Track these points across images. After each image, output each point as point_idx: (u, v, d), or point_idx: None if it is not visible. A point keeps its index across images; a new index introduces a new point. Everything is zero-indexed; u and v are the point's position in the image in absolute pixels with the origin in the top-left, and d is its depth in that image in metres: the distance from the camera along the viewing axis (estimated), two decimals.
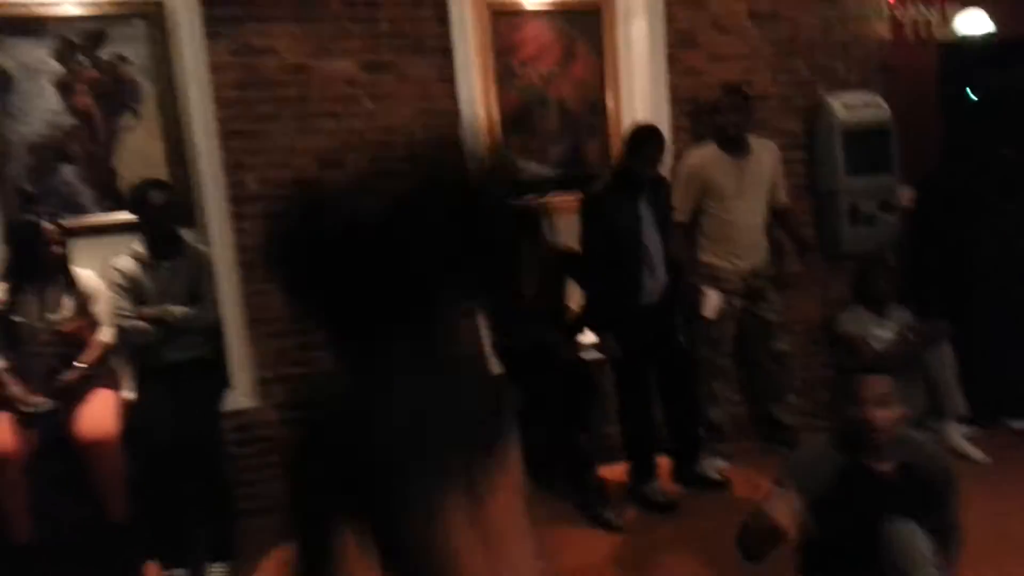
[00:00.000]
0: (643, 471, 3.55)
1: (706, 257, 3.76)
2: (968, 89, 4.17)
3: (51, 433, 3.07)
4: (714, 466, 3.75)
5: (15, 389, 3.04)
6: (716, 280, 3.73)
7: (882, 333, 3.94)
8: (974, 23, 4.64)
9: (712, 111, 3.83)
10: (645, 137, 3.44)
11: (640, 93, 4.10)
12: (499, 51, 3.96)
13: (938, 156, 4.32)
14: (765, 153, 3.79)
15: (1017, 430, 4.02)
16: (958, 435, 3.82)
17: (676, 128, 4.03)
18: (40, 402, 3.06)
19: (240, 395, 3.53)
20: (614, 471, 3.69)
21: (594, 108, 4.15)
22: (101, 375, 3.22)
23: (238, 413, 3.52)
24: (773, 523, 1.94)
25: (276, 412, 3.59)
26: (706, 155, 3.75)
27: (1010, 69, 4.14)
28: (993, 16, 4.60)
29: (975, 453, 3.73)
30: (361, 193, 1.09)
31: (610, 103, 4.15)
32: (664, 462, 3.70)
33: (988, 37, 4.47)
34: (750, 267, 3.76)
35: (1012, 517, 3.17)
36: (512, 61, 4.00)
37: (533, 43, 4.03)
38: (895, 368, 3.96)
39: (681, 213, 3.74)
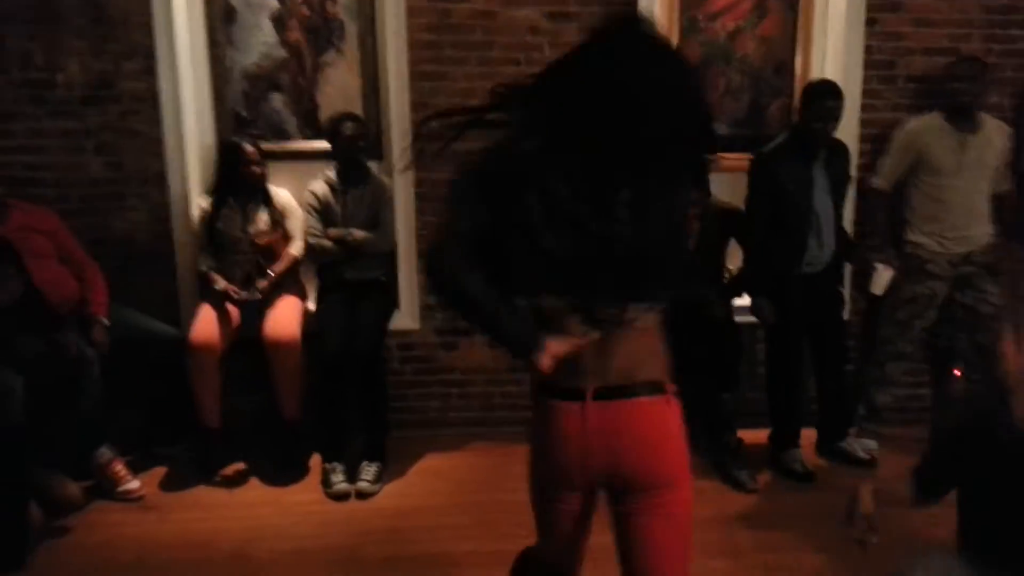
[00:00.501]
0: (785, 439, 3.52)
1: (912, 236, 3.60)
2: None
3: (245, 331, 3.49)
4: (865, 447, 3.63)
5: (223, 283, 3.46)
6: (920, 261, 3.57)
7: None
8: None
9: (945, 79, 3.60)
10: (821, 92, 3.32)
11: (833, 55, 3.90)
12: (685, 3, 3.90)
13: None
14: (996, 133, 3.51)
15: None
16: None
17: (868, 93, 3.84)
18: (245, 294, 3.47)
19: (406, 317, 3.84)
20: (757, 435, 3.68)
21: (780, 68, 4.01)
22: (289, 284, 3.61)
23: (402, 333, 3.84)
24: None
25: (435, 335, 3.88)
26: (929, 124, 3.55)
27: None
28: None
29: None
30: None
31: (799, 64, 3.98)
32: (810, 434, 3.64)
33: None
34: (963, 252, 3.53)
35: None
36: (698, 15, 3.93)
37: None
38: None
39: (884, 180, 3.60)
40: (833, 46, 3.89)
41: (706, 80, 3.84)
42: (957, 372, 3.88)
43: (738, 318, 3.68)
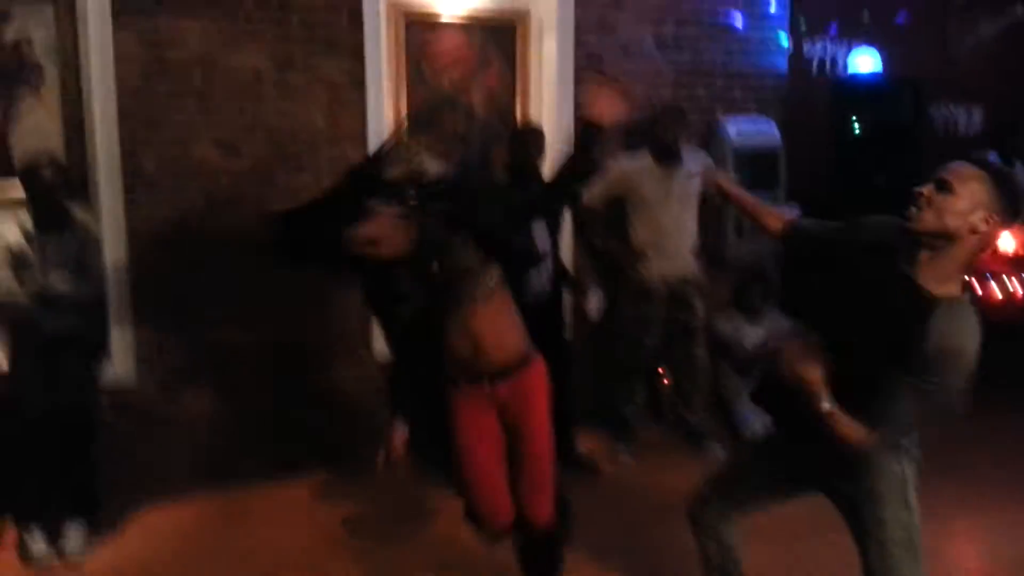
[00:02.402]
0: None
1: (636, 262, 3.94)
2: (854, 122, 4.44)
3: None
4: (620, 458, 3.96)
5: None
6: (643, 284, 3.92)
7: (754, 336, 4.18)
8: (866, 63, 4.97)
9: (651, 123, 3.96)
10: (523, 130, 3.68)
11: (548, 106, 4.26)
12: (412, 58, 4.07)
13: (828, 181, 4.57)
14: (695, 164, 3.97)
15: None
16: None
17: None
18: None
19: (120, 369, 3.54)
20: None
21: (504, 117, 4.29)
22: None
23: (116, 386, 3.54)
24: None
25: (155, 387, 3.61)
26: (639, 161, 3.93)
27: (891, 106, 4.43)
28: (884, 56, 4.95)
29: None
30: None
31: (519, 114, 4.29)
32: None
33: (875, 76, 4.78)
34: (677, 274, 3.92)
35: None
36: (425, 68, 4.12)
37: (447, 53, 4.16)
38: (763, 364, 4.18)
39: (593, 199, 3.92)
40: (548, 99, 4.25)
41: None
42: (666, 380, 4.31)
43: None
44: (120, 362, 3.56)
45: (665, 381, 4.37)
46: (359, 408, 3.91)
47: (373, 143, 3.81)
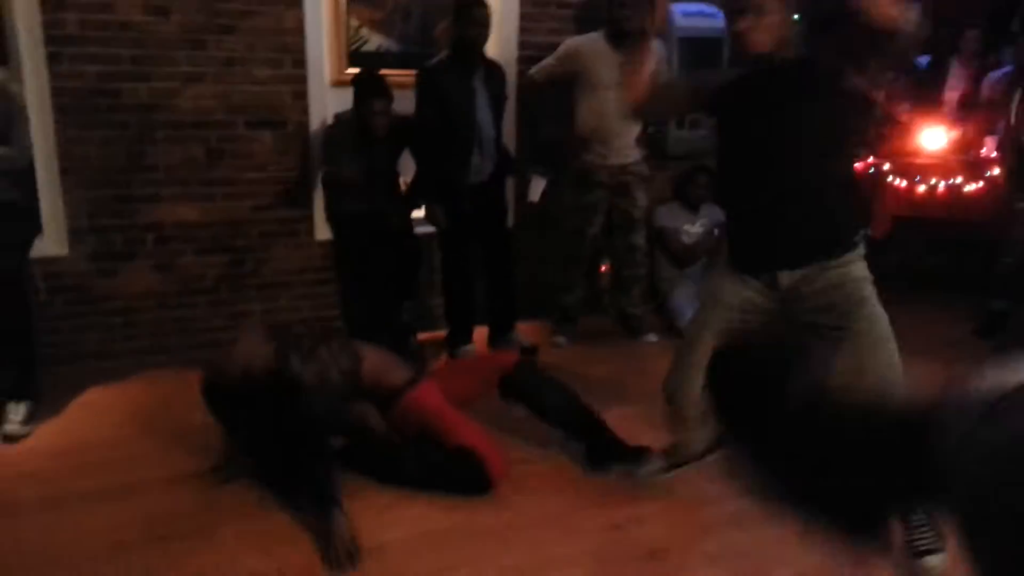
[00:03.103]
0: (459, 336, 3.78)
1: (579, 151, 3.91)
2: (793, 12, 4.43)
3: None
4: (557, 342, 4.07)
5: None
6: (585, 173, 3.91)
7: (692, 228, 4.30)
8: None
9: (609, 3, 3.81)
10: (469, 2, 3.51)
11: None
12: None
13: None
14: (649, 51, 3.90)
15: None
16: None
17: (525, 17, 4.12)
18: None
19: (51, 242, 3.45)
20: (435, 336, 3.93)
21: None
22: None
23: (49, 260, 3.45)
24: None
25: (89, 261, 3.54)
26: (592, 43, 3.83)
27: None
28: None
29: None
30: None
31: None
32: (482, 330, 3.95)
33: None
34: (620, 163, 3.92)
35: None
36: None
37: None
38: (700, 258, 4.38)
39: (540, 74, 3.90)
40: None
41: None
42: (603, 267, 4.43)
43: (416, 229, 3.84)
44: (51, 234, 3.45)
45: (603, 269, 4.48)
46: (298, 291, 3.96)
47: (310, 9, 3.66)
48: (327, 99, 3.82)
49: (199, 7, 3.49)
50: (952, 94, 5.28)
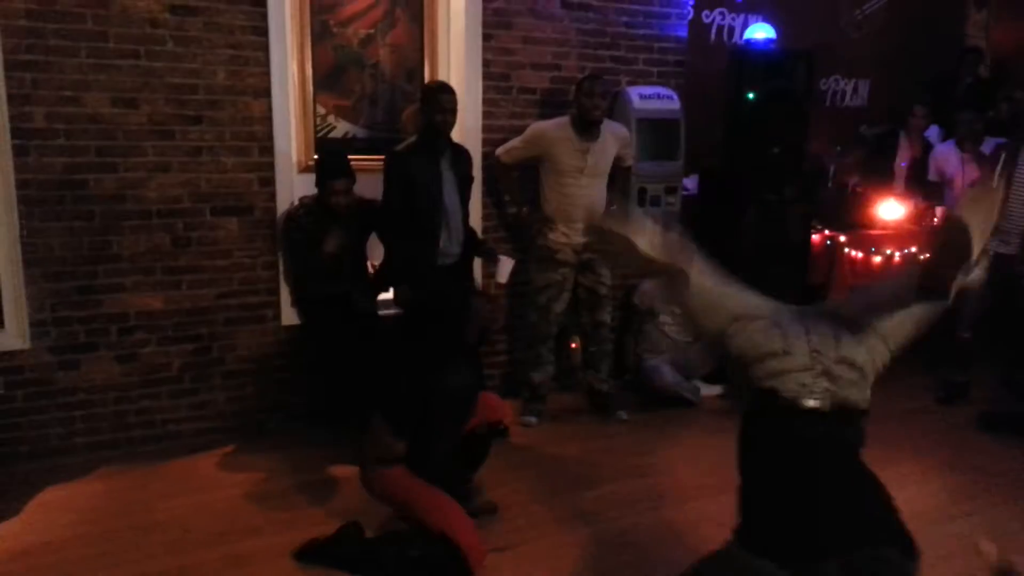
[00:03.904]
0: None
1: (545, 231, 3.98)
2: (749, 91, 4.62)
3: None
4: (527, 422, 4.05)
5: None
6: (551, 252, 3.97)
7: None
8: (761, 33, 5.18)
9: (578, 91, 3.92)
10: (436, 88, 3.62)
11: (456, 65, 4.24)
12: (316, 8, 3.97)
13: (725, 150, 4.77)
14: (611, 137, 4.04)
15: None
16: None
17: (488, 102, 4.23)
18: None
19: (12, 336, 3.39)
20: None
21: (411, 75, 4.26)
22: None
23: (9, 355, 3.39)
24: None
25: (50, 354, 3.48)
26: (559, 129, 3.93)
27: (784, 76, 4.63)
28: (778, 28, 5.18)
29: None
30: None
31: (427, 72, 4.27)
32: None
33: (769, 45, 4.99)
34: (584, 241, 3.94)
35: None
36: (330, 20, 4.03)
37: (352, 5, 4.08)
38: None
39: (507, 156, 4.01)
40: (455, 58, 4.24)
41: None
42: (574, 345, 4.45)
43: (383, 311, 3.85)
44: (12, 327, 3.40)
45: (574, 346, 4.50)
46: (264, 378, 3.92)
47: (277, 99, 3.73)
48: (294, 185, 3.86)
49: (167, 99, 3.54)
50: (902, 165, 5.51)
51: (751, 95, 4.59)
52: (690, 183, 4.89)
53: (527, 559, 2.84)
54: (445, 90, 3.63)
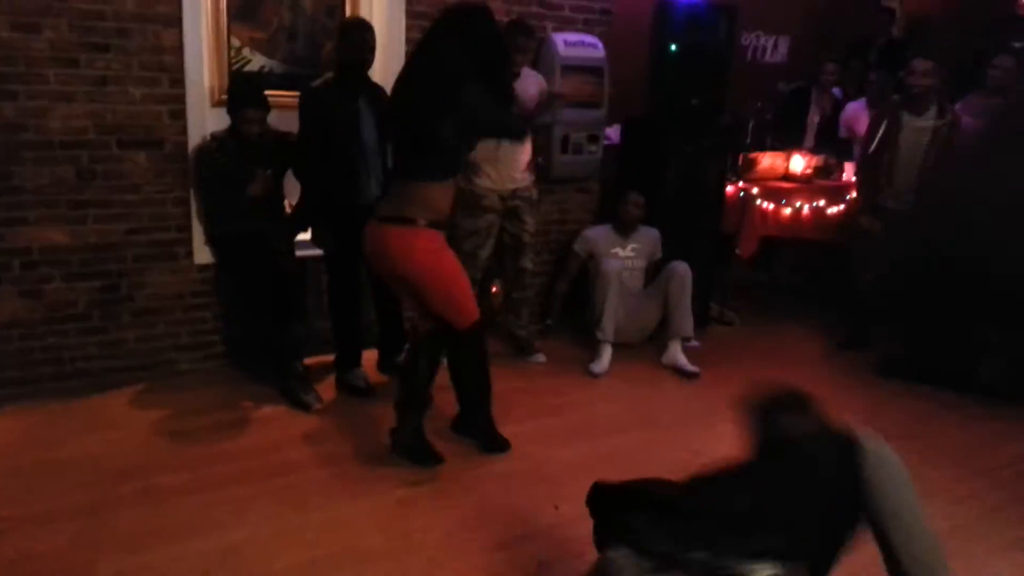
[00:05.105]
0: (348, 360, 3.76)
1: (472, 178, 3.95)
2: (672, 44, 4.67)
3: None
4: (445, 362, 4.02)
5: None
6: (477, 198, 3.96)
7: (623, 252, 4.50)
8: None
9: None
10: (353, 25, 3.56)
11: (378, 2, 4.15)
12: None
13: (647, 100, 4.83)
14: (532, 76, 4.04)
15: None
16: (679, 353, 4.34)
17: (410, 41, 4.16)
18: None
19: None
20: (322, 360, 3.89)
21: (332, 11, 4.14)
22: None
23: None
24: None
25: None
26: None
27: (707, 30, 4.70)
28: None
29: (691, 369, 4.26)
30: None
31: (348, 7, 4.15)
32: (371, 354, 3.93)
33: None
34: (510, 189, 4.00)
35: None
36: None
37: None
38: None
39: None
40: None
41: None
42: (495, 288, 4.50)
43: (301, 252, 3.80)
44: None
45: (495, 291, 4.53)
46: (178, 317, 3.84)
47: (189, 28, 3.58)
48: (207, 119, 3.74)
49: (72, 24, 3.36)
50: (813, 120, 5.70)
51: (673, 47, 4.65)
52: (613, 132, 4.95)
53: (442, 493, 2.91)
54: (363, 27, 3.55)
